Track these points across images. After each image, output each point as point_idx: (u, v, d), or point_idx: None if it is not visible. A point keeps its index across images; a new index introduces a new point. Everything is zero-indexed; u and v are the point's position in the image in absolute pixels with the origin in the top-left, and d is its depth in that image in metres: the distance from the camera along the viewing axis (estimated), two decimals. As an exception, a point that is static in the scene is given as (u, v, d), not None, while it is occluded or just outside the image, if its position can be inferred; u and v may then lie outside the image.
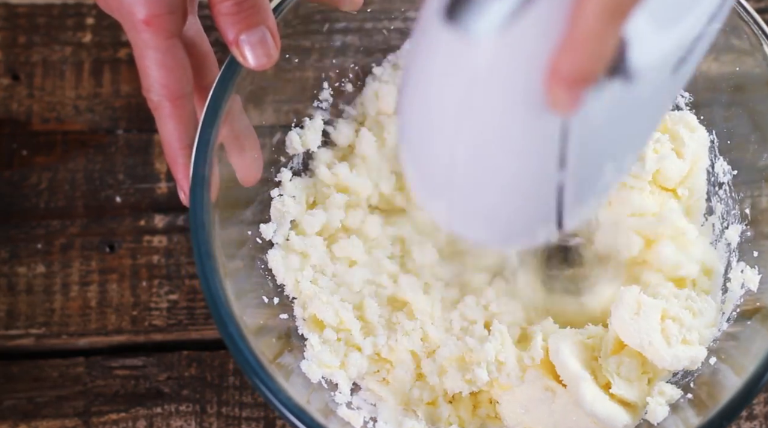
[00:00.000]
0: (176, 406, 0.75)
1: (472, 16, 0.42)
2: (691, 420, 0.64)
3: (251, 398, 0.75)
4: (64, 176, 0.80)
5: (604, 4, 0.41)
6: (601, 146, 0.49)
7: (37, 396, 0.75)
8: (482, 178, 0.50)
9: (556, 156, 0.48)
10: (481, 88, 0.46)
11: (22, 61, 0.82)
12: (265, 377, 0.60)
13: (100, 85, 0.82)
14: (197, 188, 0.60)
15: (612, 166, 0.51)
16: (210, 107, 0.62)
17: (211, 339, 0.77)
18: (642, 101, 0.48)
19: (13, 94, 0.82)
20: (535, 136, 0.47)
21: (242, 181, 0.67)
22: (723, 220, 0.72)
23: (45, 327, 0.77)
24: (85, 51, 0.83)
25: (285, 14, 0.66)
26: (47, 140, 0.81)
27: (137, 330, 0.77)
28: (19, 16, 0.83)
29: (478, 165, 0.49)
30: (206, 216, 0.60)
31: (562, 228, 0.52)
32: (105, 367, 0.76)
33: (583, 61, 0.42)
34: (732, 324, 0.68)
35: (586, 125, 0.47)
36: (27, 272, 0.78)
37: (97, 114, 0.81)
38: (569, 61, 0.42)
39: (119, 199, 0.80)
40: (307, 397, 0.65)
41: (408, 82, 0.50)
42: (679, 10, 0.45)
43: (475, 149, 0.49)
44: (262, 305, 0.68)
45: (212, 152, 0.61)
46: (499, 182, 0.50)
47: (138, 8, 0.57)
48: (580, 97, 0.43)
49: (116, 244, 0.79)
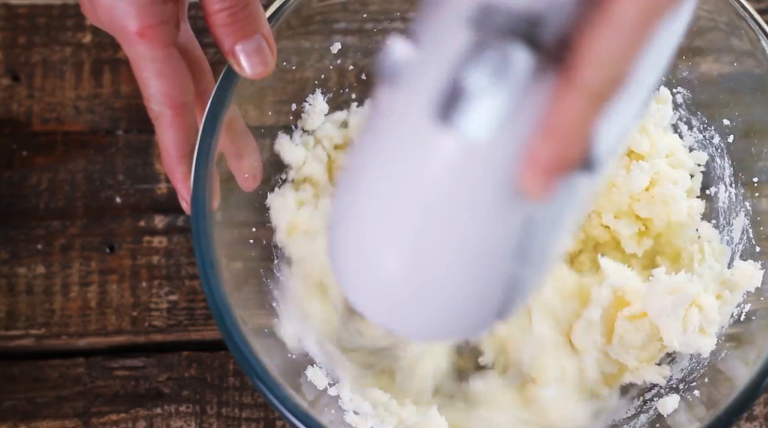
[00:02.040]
0: (176, 407, 0.75)
1: (470, 119, 0.42)
2: (698, 410, 0.65)
3: (251, 399, 0.75)
4: (64, 177, 0.80)
5: (588, 95, 0.42)
6: (556, 236, 0.49)
7: (37, 396, 0.75)
8: (435, 274, 0.48)
9: (512, 249, 0.47)
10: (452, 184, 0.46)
11: (22, 62, 0.82)
12: (272, 384, 0.60)
13: (100, 85, 0.82)
14: (199, 199, 0.60)
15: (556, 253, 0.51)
16: (209, 117, 0.62)
17: (211, 340, 0.77)
18: (588, 190, 0.49)
19: (13, 94, 0.82)
20: (499, 231, 0.47)
21: (242, 186, 0.67)
22: (725, 218, 0.72)
23: (45, 327, 0.77)
24: (85, 51, 0.83)
25: (287, 16, 0.66)
26: (47, 141, 0.81)
27: (137, 331, 0.77)
28: (19, 17, 0.83)
29: (434, 259, 0.48)
30: (209, 226, 0.60)
31: (503, 320, 0.51)
32: (105, 368, 0.76)
33: (562, 149, 0.43)
34: (739, 319, 0.69)
35: (548, 217, 0.47)
36: (27, 272, 0.78)
37: (97, 115, 0.81)
38: (549, 148, 0.43)
39: (119, 199, 0.80)
40: (313, 403, 0.65)
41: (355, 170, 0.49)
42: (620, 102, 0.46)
43: (434, 242, 0.47)
44: (267, 313, 0.68)
45: (212, 161, 0.61)
46: (452, 279, 0.49)
47: (130, 21, 0.56)
48: (555, 185, 0.44)
49: (116, 245, 0.79)
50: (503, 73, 0.42)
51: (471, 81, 0.42)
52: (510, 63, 0.42)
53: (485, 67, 0.42)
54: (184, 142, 0.61)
